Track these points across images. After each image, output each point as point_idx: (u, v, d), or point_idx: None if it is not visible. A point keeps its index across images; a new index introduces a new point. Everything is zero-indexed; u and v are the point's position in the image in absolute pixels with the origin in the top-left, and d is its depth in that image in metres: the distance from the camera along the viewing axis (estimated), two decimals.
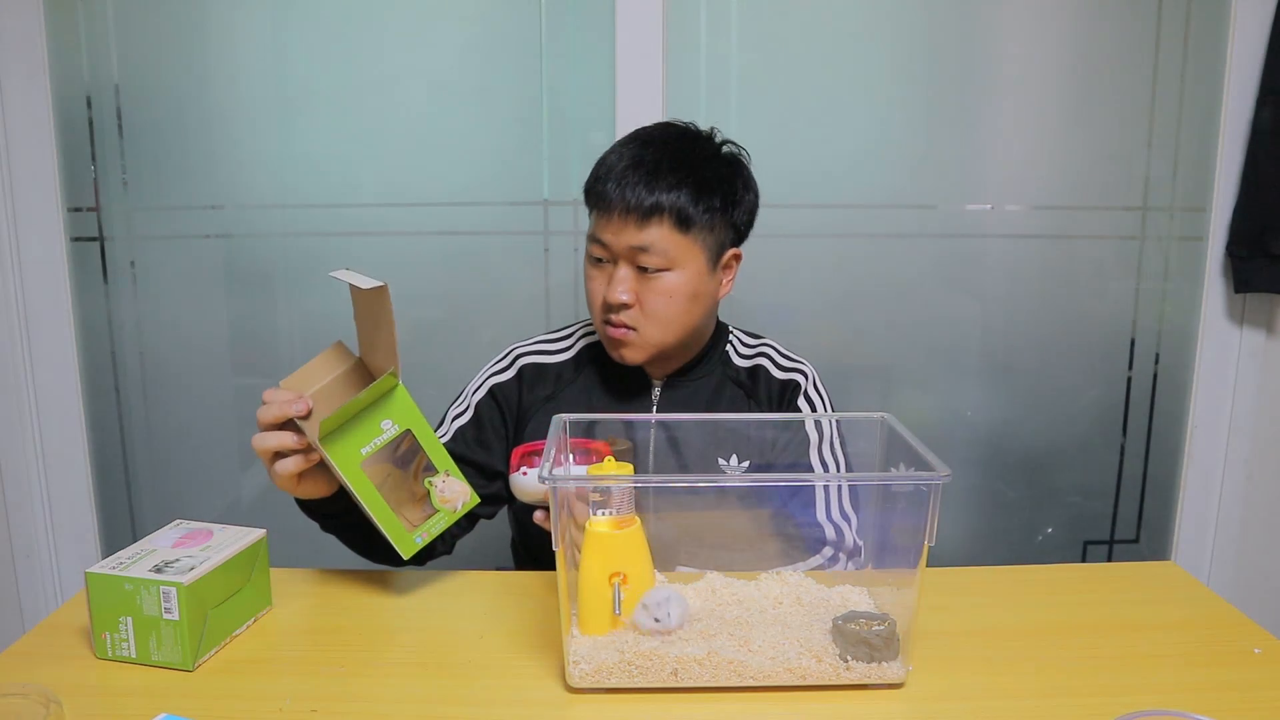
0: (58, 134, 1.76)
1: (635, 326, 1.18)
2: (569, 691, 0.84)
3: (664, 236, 1.15)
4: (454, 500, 1.01)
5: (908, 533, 0.86)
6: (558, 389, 1.28)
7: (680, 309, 1.19)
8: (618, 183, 1.15)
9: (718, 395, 1.28)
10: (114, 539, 1.92)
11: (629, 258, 1.16)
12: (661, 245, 1.15)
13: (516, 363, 1.30)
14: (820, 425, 1.23)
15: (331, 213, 1.80)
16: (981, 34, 1.78)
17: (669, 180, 1.15)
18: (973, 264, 1.85)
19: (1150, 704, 0.80)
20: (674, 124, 1.25)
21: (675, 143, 1.20)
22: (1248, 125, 1.74)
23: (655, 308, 1.17)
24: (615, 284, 1.17)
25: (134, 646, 0.87)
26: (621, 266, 1.17)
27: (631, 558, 0.87)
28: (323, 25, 1.75)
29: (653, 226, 1.15)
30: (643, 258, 1.16)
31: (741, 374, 1.30)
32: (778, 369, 1.31)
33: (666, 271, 1.17)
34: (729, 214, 1.20)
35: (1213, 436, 1.89)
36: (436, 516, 1.00)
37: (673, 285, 1.17)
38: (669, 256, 1.16)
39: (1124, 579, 1.09)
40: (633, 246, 1.15)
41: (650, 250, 1.15)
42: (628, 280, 1.17)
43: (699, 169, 1.18)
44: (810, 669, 0.83)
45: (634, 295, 1.17)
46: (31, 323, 1.82)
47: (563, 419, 0.95)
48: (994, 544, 1.95)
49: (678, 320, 1.19)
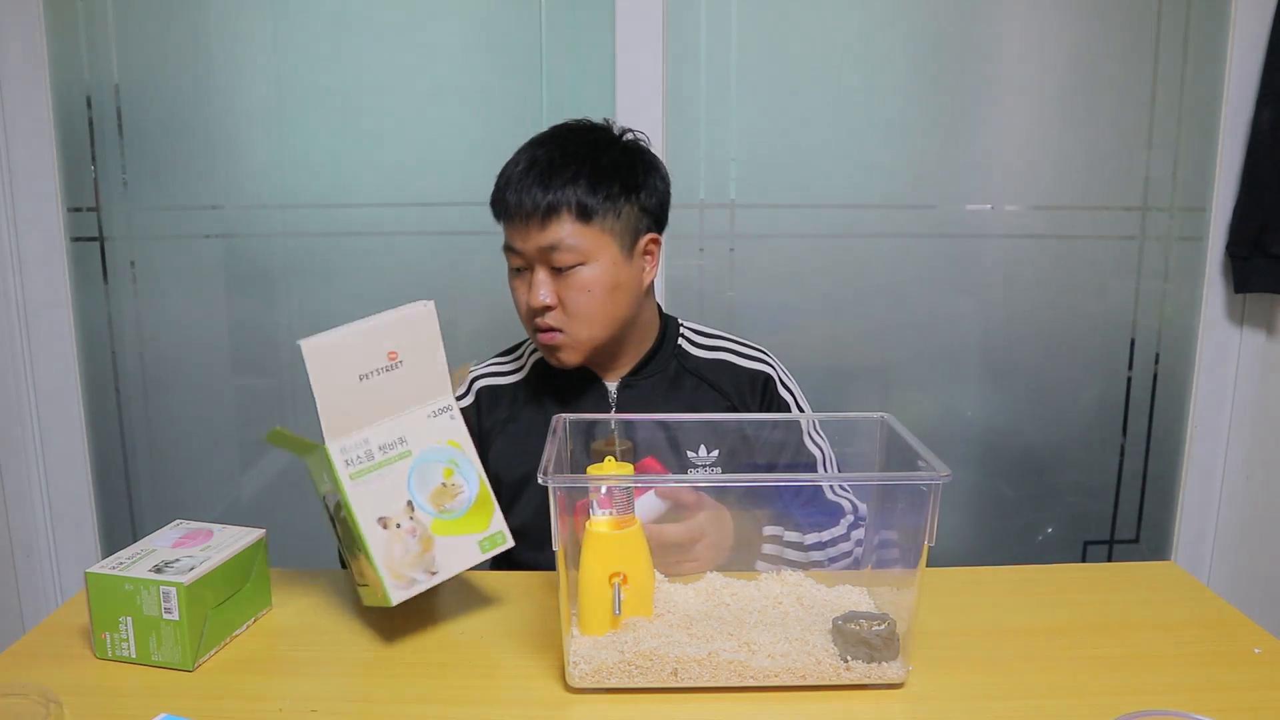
0: (58, 134, 1.76)
1: (561, 328, 1.19)
2: (569, 691, 0.84)
3: (570, 232, 1.16)
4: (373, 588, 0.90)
5: (908, 533, 0.86)
6: (514, 410, 1.29)
7: (601, 302, 1.19)
8: (515, 188, 1.18)
9: (675, 389, 1.28)
10: (114, 539, 1.92)
11: (542, 260, 1.18)
12: (569, 241, 1.16)
13: (473, 387, 1.30)
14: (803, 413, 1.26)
15: (331, 213, 1.80)
16: (981, 34, 1.78)
17: (564, 175, 1.17)
18: (973, 264, 1.85)
19: (1150, 704, 0.80)
20: (569, 123, 1.26)
21: (568, 138, 1.22)
22: (1248, 125, 1.74)
23: (577, 305, 1.19)
24: (534, 288, 1.18)
25: (134, 646, 0.87)
26: (538, 270, 1.18)
27: (631, 558, 0.87)
28: (323, 25, 1.75)
29: (555, 224, 1.16)
30: (554, 256, 1.17)
31: (702, 366, 1.30)
32: (743, 359, 1.31)
33: (581, 266, 1.17)
34: (633, 199, 1.21)
35: (1213, 436, 1.89)
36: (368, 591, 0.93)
37: (589, 279, 1.18)
38: (579, 250, 1.17)
39: (1124, 579, 1.08)
40: (541, 247, 1.17)
41: (559, 248, 1.16)
42: (545, 283, 1.18)
43: (594, 159, 1.19)
44: (810, 669, 0.83)
45: (554, 296, 1.18)
46: (31, 323, 1.82)
47: (562, 419, 0.95)
48: (994, 544, 1.95)
49: (601, 313, 1.20)
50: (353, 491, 0.88)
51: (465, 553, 0.93)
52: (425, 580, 0.90)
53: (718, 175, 1.79)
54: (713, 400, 1.27)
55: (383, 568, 0.88)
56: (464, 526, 0.93)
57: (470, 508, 0.93)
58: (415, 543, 0.89)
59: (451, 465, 0.93)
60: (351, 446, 0.89)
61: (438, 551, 0.91)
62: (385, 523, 0.89)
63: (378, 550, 0.88)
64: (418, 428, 0.93)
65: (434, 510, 0.91)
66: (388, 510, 0.89)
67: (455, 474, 0.93)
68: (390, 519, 0.89)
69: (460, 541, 0.92)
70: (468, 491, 0.94)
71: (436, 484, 0.92)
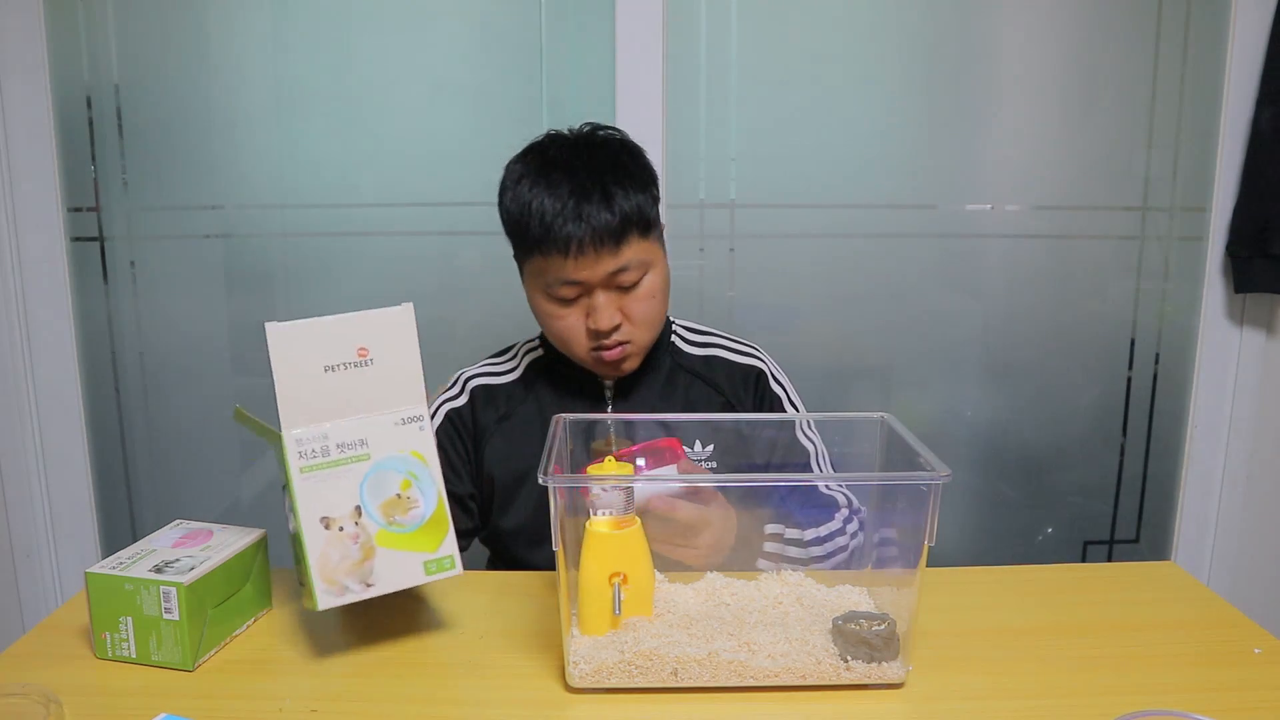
0: (58, 134, 1.76)
1: (628, 339, 1.17)
2: (569, 691, 0.84)
3: (637, 248, 1.14)
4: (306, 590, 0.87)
5: (908, 533, 0.86)
6: (511, 408, 1.27)
7: (661, 303, 1.19)
8: (574, 217, 1.11)
9: (670, 386, 1.28)
10: (114, 539, 1.92)
11: (607, 284, 1.14)
12: (637, 258, 1.14)
13: (467, 386, 1.29)
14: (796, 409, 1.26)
15: (331, 213, 1.80)
16: (981, 34, 1.78)
17: (618, 191, 1.12)
18: (973, 264, 1.85)
19: (1150, 704, 0.80)
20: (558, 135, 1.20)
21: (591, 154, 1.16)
22: (1248, 125, 1.74)
23: (643, 314, 1.17)
24: (601, 312, 1.14)
25: (134, 646, 0.87)
26: (599, 294, 1.14)
27: (631, 558, 0.87)
28: (322, 25, 1.75)
29: (626, 245, 1.13)
30: (622, 277, 1.14)
31: (696, 362, 1.29)
32: (735, 354, 1.31)
33: (643, 277, 1.16)
34: (654, 193, 1.19)
35: (1213, 436, 1.89)
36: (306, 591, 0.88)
37: (653, 286, 1.17)
38: (644, 263, 1.16)
39: (1124, 579, 1.08)
40: (612, 272, 1.13)
41: (629, 267, 1.14)
42: (612, 303, 1.15)
43: (627, 166, 1.16)
44: (810, 669, 0.83)
45: (620, 313, 1.15)
46: (31, 323, 1.82)
47: (562, 419, 0.95)
48: (994, 544, 1.95)
49: (661, 313, 1.20)
50: (300, 485, 0.85)
51: (408, 571, 0.88)
52: (359, 591, 0.86)
53: (718, 175, 1.79)
54: (707, 396, 1.27)
55: (315, 570, 0.84)
56: (412, 543, 0.88)
57: (422, 525, 0.89)
58: (356, 549, 0.86)
59: (411, 477, 0.89)
60: (308, 439, 0.86)
61: (378, 562, 0.87)
62: (328, 523, 0.85)
63: (314, 550, 0.84)
64: (382, 432, 0.89)
65: (383, 520, 0.87)
66: (333, 511, 0.85)
67: (413, 487, 0.89)
68: (334, 520, 0.85)
69: (405, 557, 0.88)
70: (423, 508, 0.89)
71: (391, 494, 0.88)
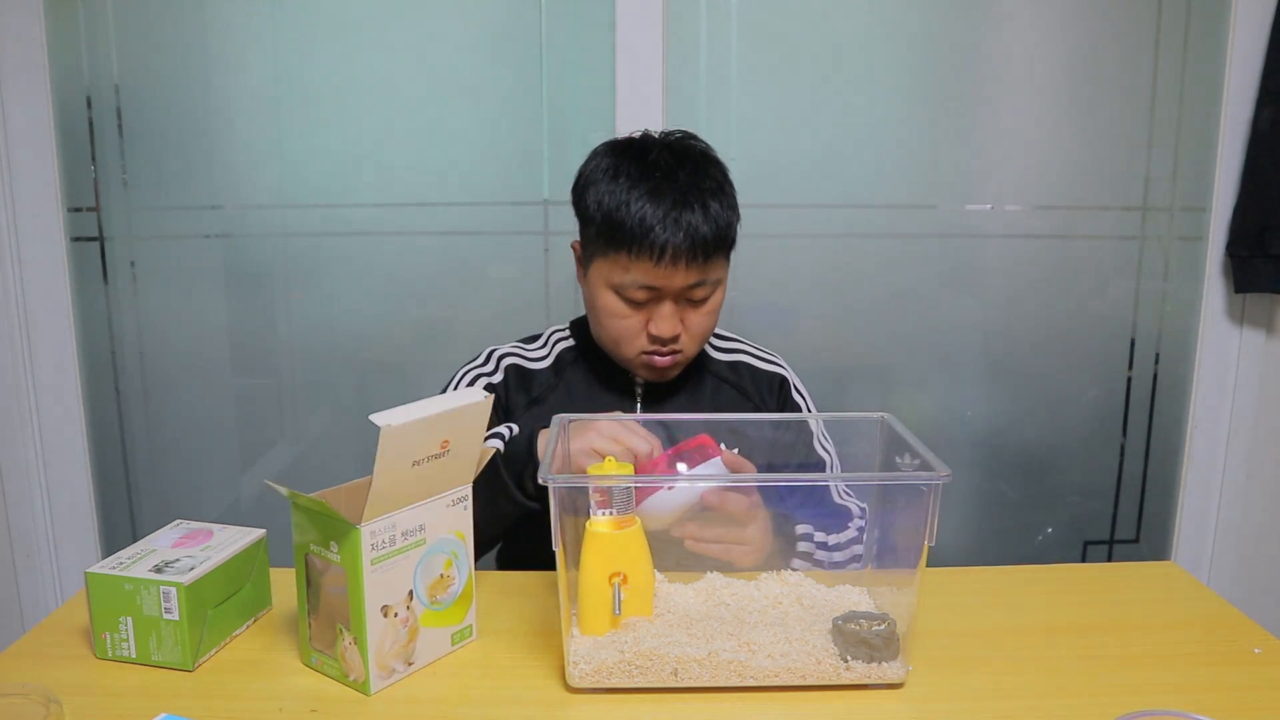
0: (58, 134, 1.76)
1: (682, 349, 1.17)
2: (569, 691, 0.84)
3: (718, 266, 1.15)
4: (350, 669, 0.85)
5: (908, 533, 0.86)
6: (541, 393, 1.26)
7: (716, 319, 1.20)
8: (675, 226, 1.10)
9: (699, 389, 1.28)
10: (114, 539, 1.92)
11: (679, 294, 1.14)
12: (714, 275, 1.15)
13: (501, 363, 1.28)
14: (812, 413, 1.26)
15: (331, 213, 1.80)
16: (981, 34, 1.78)
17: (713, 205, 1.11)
18: (973, 264, 1.85)
19: (1150, 704, 0.80)
20: (652, 138, 1.19)
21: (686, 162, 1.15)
22: (1248, 125, 1.75)
23: (700, 327, 1.17)
24: (664, 320, 1.14)
25: (134, 646, 0.87)
26: (668, 303, 1.14)
27: (631, 558, 0.87)
28: (322, 25, 1.75)
29: (713, 261, 1.13)
30: (697, 291, 1.14)
31: (722, 368, 1.30)
32: (760, 361, 1.31)
33: (713, 295, 1.17)
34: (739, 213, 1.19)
35: (1213, 436, 1.89)
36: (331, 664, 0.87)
37: (715, 303, 1.18)
38: (717, 280, 1.16)
39: (1124, 579, 1.08)
40: (689, 285, 1.13)
41: (706, 283, 1.14)
42: (675, 314, 1.15)
43: (719, 181, 1.15)
44: (810, 669, 0.83)
45: (680, 323, 1.16)
46: (31, 323, 1.82)
47: (562, 419, 0.95)
48: (994, 544, 1.95)
49: (712, 329, 1.21)
50: (369, 578, 0.83)
51: (439, 644, 0.90)
52: (402, 671, 0.86)
53: None
54: (734, 400, 1.27)
55: (372, 657, 0.83)
56: (446, 619, 0.90)
57: (456, 600, 0.90)
58: (404, 632, 0.86)
59: (453, 556, 0.90)
60: (380, 531, 0.83)
61: (420, 642, 0.88)
62: (386, 611, 0.84)
63: (374, 639, 0.83)
64: (437, 516, 0.88)
65: (427, 601, 0.88)
66: (392, 599, 0.85)
67: (453, 565, 0.90)
68: (392, 608, 0.85)
69: (439, 633, 0.90)
70: (458, 584, 0.91)
71: (436, 574, 0.89)
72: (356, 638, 0.83)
